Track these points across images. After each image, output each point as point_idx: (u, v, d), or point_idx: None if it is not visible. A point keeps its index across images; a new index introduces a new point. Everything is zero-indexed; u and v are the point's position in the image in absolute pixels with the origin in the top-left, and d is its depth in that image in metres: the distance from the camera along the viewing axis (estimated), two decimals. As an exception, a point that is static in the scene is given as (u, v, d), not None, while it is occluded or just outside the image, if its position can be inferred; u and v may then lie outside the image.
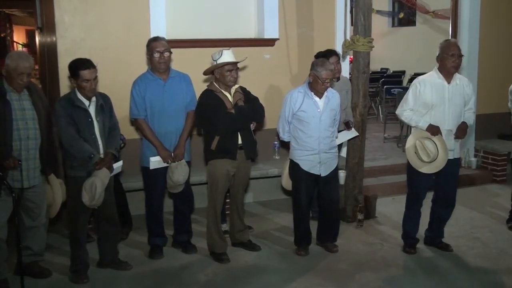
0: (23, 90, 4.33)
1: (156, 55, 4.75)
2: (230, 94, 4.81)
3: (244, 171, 4.99)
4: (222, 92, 4.78)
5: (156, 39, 4.84)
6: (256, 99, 4.95)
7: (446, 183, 5.00)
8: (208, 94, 4.81)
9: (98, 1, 5.79)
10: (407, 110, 4.93)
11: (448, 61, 4.77)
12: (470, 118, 4.97)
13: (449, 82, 4.82)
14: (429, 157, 4.76)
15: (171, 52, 4.84)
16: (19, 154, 4.26)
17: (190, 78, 5.01)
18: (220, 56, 4.71)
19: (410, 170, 5.03)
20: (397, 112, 5.09)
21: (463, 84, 4.89)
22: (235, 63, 4.75)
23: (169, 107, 4.81)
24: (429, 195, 5.14)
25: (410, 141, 4.95)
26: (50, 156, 4.53)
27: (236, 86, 4.89)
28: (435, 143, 4.75)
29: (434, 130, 4.77)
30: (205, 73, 4.92)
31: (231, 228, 5.25)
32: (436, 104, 4.81)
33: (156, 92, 4.79)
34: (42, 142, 4.41)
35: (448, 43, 4.88)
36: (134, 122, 5.11)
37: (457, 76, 4.87)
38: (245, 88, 4.97)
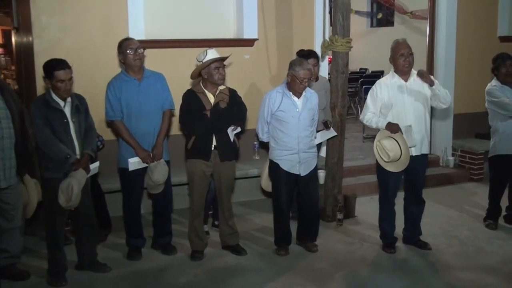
0: None
1: (131, 52, 4.70)
2: (214, 95, 4.78)
3: (224, 172, 4.91)
4: (204, 92, 4.75)
5: (127, 39, 4.84)
6: (240, 103, 4.91)
7: (412, 180, 5.06)
8: (189, 94, 4.79)
9: (75, 1, 5.74)
10: (368, 114, 5.01)
11: (399, 61, 4.85)
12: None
13: (406, 80, 4.90)
14: (388, 157, 4.82)
15: (144, 48, 4.81)
16: None
17: (165, 77, 4.97)
18: (205, 56, 4.69)
19: (378, 169, 5.09)
20: (360, 118, 5.18)
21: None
22: (221, 60, 4.72)
23: (145, 107, 4.77)
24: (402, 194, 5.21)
25: (374, 143, 5.01)
26: (25, 156, 4.46)
27: (223, 87, 4.85)
28: (397, 141, 4.79)
29: (392, 128, 4.83)
30: (192, 77, 4.85)
31: (220, 231, 5.21)
32: (395, 103, 4.88)
33: (131, 92, 4.74)
34: (17, 141, 4.35)
35: (396, 43, 4.94)
36: (110, 123, 5.05)
37: (413, 73, 4.93)
38: (234, 90, 4.93)
